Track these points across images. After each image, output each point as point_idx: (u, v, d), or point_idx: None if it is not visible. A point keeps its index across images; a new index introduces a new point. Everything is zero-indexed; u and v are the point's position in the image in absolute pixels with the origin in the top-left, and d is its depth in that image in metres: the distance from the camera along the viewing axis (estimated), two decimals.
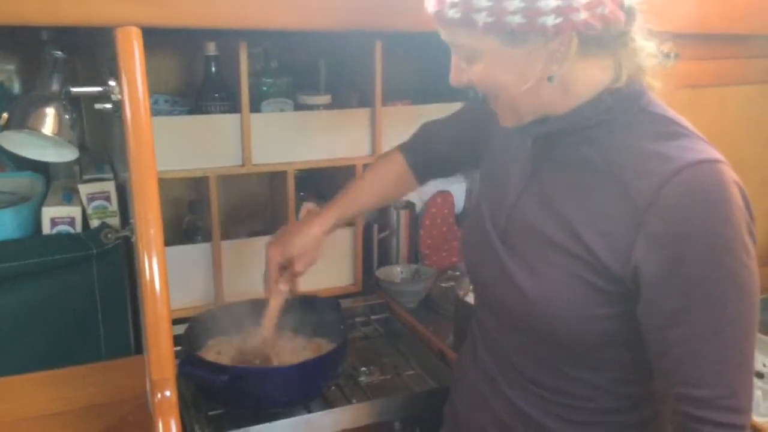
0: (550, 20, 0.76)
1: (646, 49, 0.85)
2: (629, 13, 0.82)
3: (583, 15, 0.77)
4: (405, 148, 1.25)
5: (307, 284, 1.60)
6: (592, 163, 0.86)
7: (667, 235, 0.78)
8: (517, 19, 0.76)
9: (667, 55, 1.32)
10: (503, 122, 0.92)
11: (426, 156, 1.23)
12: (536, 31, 0.77)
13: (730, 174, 0.79)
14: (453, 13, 0.79)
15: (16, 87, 1.53)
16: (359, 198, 1.23)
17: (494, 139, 1.04)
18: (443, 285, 1.73)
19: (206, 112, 1.50)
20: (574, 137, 0.88)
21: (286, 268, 1.19)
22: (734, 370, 0.79)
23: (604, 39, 0.81)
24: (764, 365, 1.55)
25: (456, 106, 1.65)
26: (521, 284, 0.90)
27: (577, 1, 0.76)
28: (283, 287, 1.20)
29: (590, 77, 0.84)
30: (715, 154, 0.80)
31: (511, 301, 0.93)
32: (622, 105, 0.85)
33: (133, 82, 0.90)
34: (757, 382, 1.50)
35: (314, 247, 1.19)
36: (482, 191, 1.05)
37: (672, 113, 0.87)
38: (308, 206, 1.24)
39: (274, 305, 1.22)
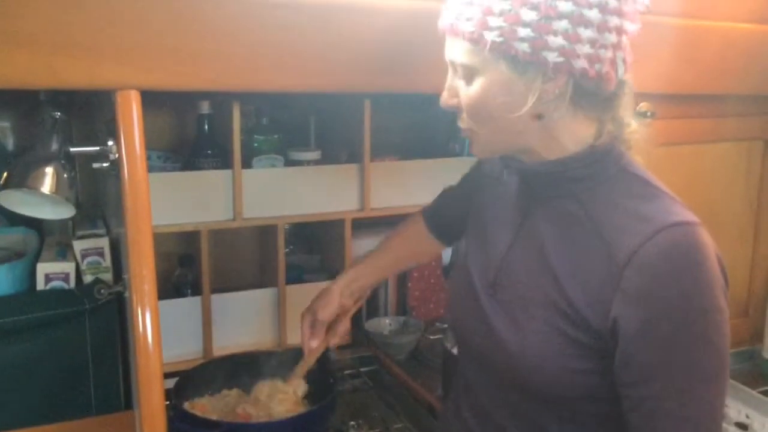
0: (552, 57, 0.80)
1: (629, 123, 0.90)
2: (621, 83, 0.87)
3: (583, 63, 0.80)
4: (426, 212, 1.28)
5: (296, 338, 1.61)
6: (577, 217, 0.88)
7: (643, 293, 0.80)
8: (524, 47, 0.80)
9: (643, 114, 1.38)
10: (475, 151, 0.95)
11: (444, 219, 1.25)
12: (538, 63, 0.80)
13: (706, 237, 0.82)
14: (467, 27, 0.82)
15: (11, 144, 1.55)
16: (379, 259, 1.27)
17: (483, 194, 1.07)
18: (431, 337, 1.74)
19: (198, 168, 1.53)
20: (558, 191, 0.90)
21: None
22: (705, 428, 0.80)
23: (595, 97, 0.85)
24: (747, 417, 1.52)
25: (441, 162, 1.69)
26: (504, 337, 0.92)
27: (580, 48, 0.80)
28: (315, 343, 1.24)
29: (576, 131, 0.88)
30: (692, 216, 0.83)
31: (493, 354, 0.94)
32: (604, 162, 0.88)
33: (132, 143, 0.93)
34: None
35: (335, 309, 1.23)
36: (469, 247, 1.07)
37: (650, 176, 0.90)
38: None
39: (310, 359, 1.27)
